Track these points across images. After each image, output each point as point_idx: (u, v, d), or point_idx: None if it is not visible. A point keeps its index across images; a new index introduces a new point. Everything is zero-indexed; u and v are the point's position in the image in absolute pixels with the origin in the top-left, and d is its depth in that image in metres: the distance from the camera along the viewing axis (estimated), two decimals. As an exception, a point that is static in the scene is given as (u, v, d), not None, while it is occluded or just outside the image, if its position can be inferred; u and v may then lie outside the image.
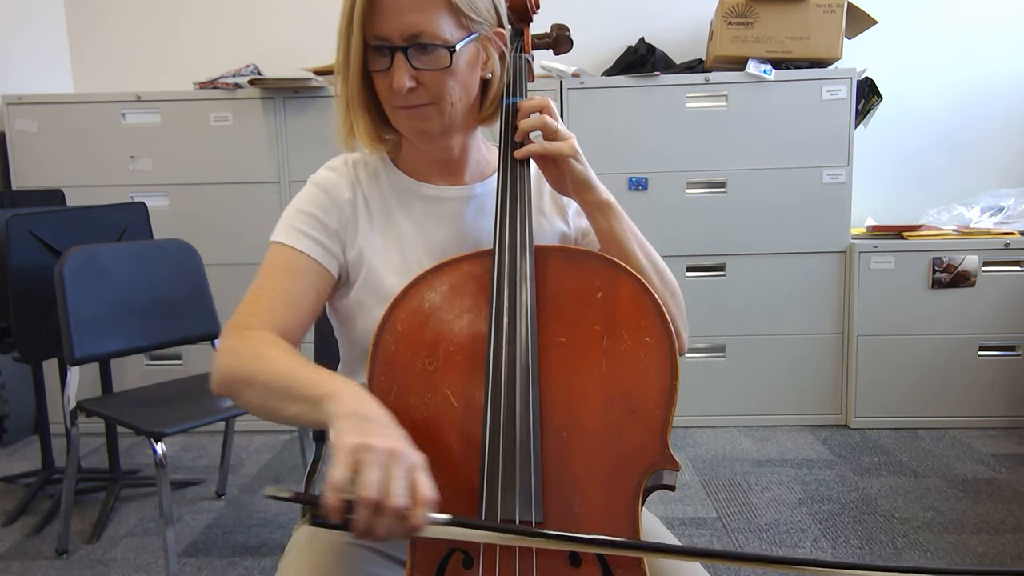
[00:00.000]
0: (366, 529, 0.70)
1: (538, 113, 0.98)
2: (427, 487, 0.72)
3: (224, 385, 0.90)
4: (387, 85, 0.95)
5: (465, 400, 0.87)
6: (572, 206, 1.11)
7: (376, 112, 1.01)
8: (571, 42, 1.16)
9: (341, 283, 1.06)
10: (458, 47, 0.94)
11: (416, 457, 0.74)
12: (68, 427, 2.12)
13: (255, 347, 0.90)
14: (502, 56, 1.02)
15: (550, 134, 0.97)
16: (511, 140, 1.01)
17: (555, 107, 0.99)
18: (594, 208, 0.99)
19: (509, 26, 1.04)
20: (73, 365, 2.09)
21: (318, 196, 1.04)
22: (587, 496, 0.84)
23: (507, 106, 1.03)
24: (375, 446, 0.71)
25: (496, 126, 1.05)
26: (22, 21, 3.30)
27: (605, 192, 0.99)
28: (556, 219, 1.10)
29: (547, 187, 1.11)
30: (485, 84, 1.03)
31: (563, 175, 0.99)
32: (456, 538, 0.76)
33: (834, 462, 2.76)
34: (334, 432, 0.73)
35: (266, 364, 0.87)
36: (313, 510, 0.69)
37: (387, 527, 0.70)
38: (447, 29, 0.94)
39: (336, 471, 0.69)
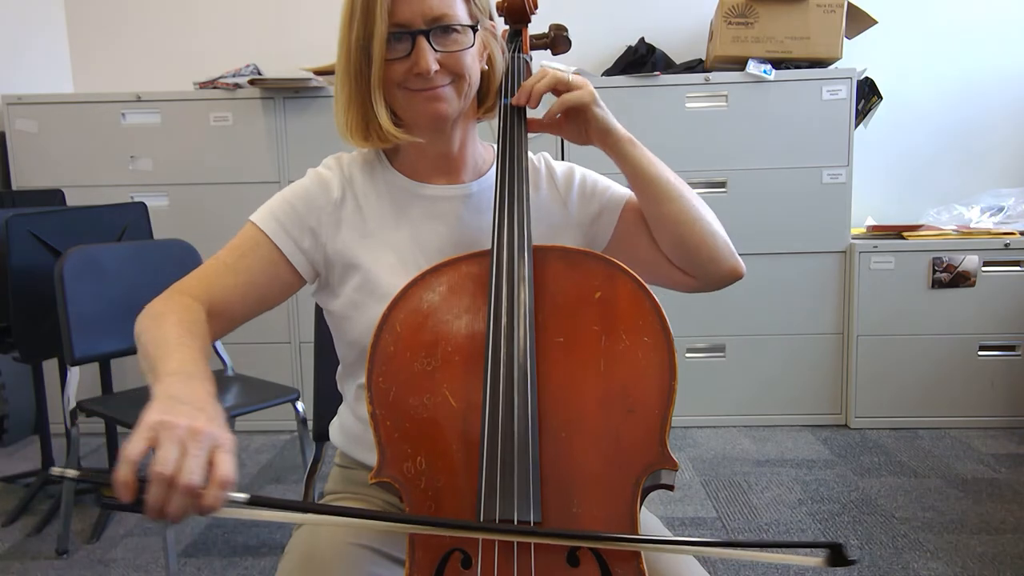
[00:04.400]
0: (157, 507, 0.67)
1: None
2: (227, 466, 0.69)
3: (135, 334, 0.92)
4: (404, 70, 0.96)
5: (464, 400, 0.87)
6: (572, 194, 1.11)
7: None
8: (569, 42, 1.16)
9: (322, 284, 1.07)
10: (477, 27, 0.98)
11: (223, 438, 0.71)
12: (68, 427, 2.12)
13: (165, 308, 0.92)
14: (498, 45, 1.05)
15: (564, 88, 1.00)
16: (510, 140, 1.01)
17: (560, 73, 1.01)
18: (620, 148, 1.02)
19: (504, 23, 1.06)
20: (73, 365, 2.09)
21: (307, 190, 1.05)
22: (586, 496, 0.84)
23: (506, 106, 1.04)
24: (176, 423, 0.69)
25: (495, 124, 1.06)
26: (22, 21, 3.30)
27: (624, 129, 1.03)
28: (556, 212, 1.10)
29: (544, 182, 1.11)
30: (482, 78, 1.04)
31: (584, 125, 1.01)
32: (256, 519, 0.74)
33: (834, 462, 2.76)
34: (145, 412, 0.71)
35: (155, 328, 0.88)
36: (103, 488, 0.69)
37: (179, 505, 0.67)
38: (462, 13, 0.97)
39: (130, 445, 0.67)
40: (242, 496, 0.70)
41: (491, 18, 1.04)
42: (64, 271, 2.05)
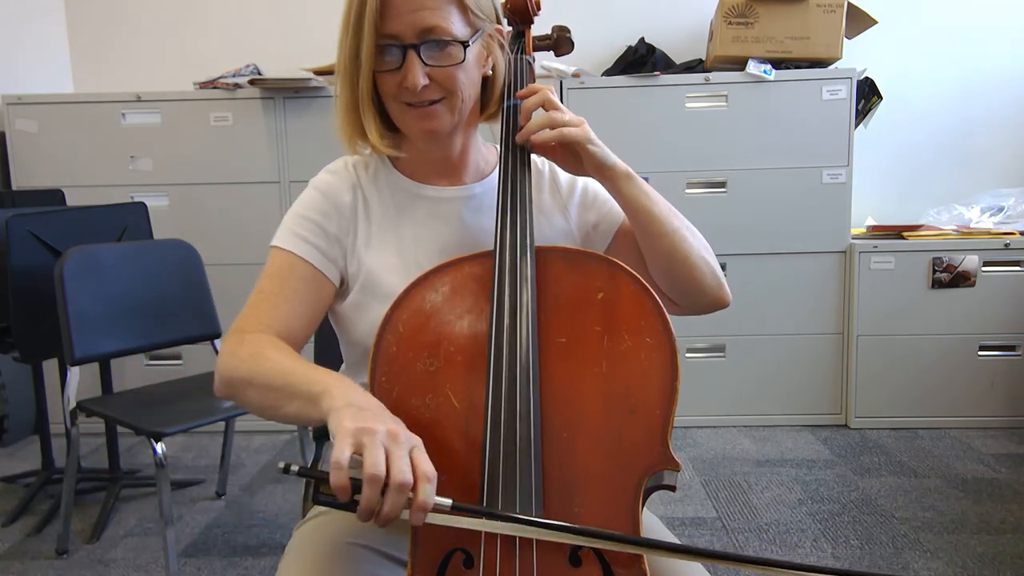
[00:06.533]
0: (371, 507, 0.71)
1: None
2: (428, 464, 0.73)
3: (225, 386, 0.92)
4: (396, 83, 0.95)
5: (466, 400, 0.87)
6: (574, 201, 1.11)
7: (381, 114, 1.01)
8: (572, 44, 1.16)
9: (342, 288, 1.06)
10: (470, 42, 0.95)
11: (415, 438, 0.75)
12: (68, 427, 2.12)
13: (254, 348, 0.92)
14: (502, 51, 1.03)
15: (552, 107, 0.98)
16: (512, 140, 1.01)
17: (555, 94, 1.00)
18: (616, 182, 1.00)
19: (507, 25, 1.05)
20: (73, 365, 2.09)
21: (319, 201, 1.04)
22: (587, 496, 0.84)
23: (508, 107, 1.04)
24: (375, 428, 0.72)
25: (496, 126, 1.06)
26: (23, 21, 3.30)
27: (621, 163, 1.00)
28: (556, 216, 1.10)
29: (546, 185, 1.11)
30: (485, 82, 1.03)
31: (580, 160, 0.99)
32: (455, 525, 0.77)
33: (834, 462, 2.77)
34: (333, 422, 0.74)
35: (264, 364, 0.89)
36: (321, 487, 0.71)
37: (392, 504, 0.71)
38: (457, 25, 0.95)
39: (339, 451, 0.70)
40: (446, 501, 0.74)
41: (498, 21, 1.02)
42: (64, 271, 2.05)
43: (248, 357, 0.91)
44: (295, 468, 0.72)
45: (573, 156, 1.00)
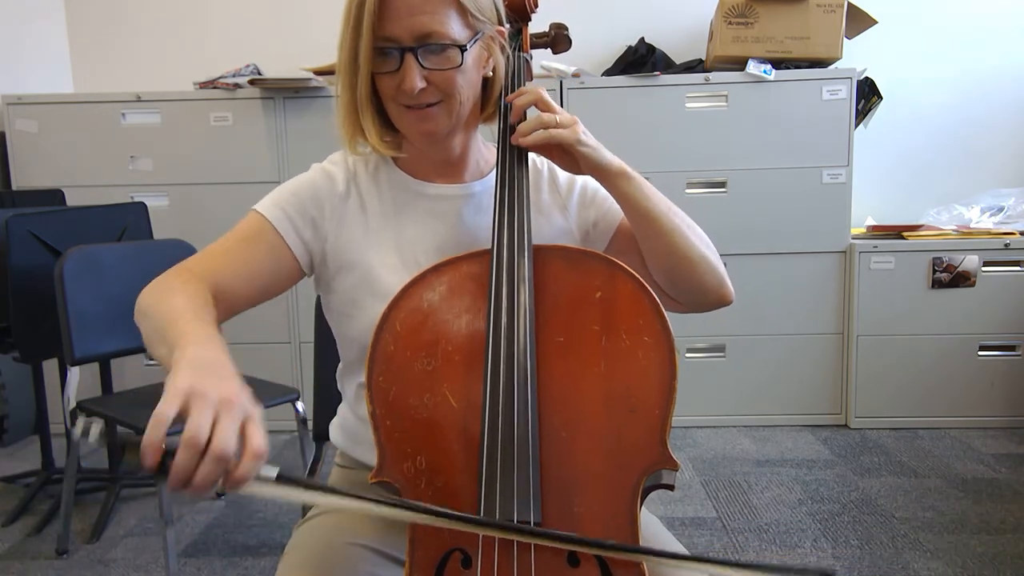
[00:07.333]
0: (183, 475, 0.64)
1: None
2: (259, 438, 0.67)
3: (136, 311, 0.91)
4: (394, 85, 0.95)
5: (464, 400, 0.87)
6: (573, 199, 1.11)
7: (380, 114, 1.01)
8: (570, 41, 1.16)
9: (316, 277, 1.07)
10: (468, 46, 0.95)
11: (253, 409, 0.69)
12: (68, 427, 2.13)
13: (171, 286, 0.90)
14: (503, 52, 1.03)
15: (545, 107, 0.98)
16: (508, 139, 1.01)
17: (546, 93, 1.00)
18: (612, 181, 0.99)
19: (508, 25, 1.05)
20: (73, 365, 2.09)
21: (312, 183, 1.05)
22: (586, 496, 0.84)
23: (505, 106, 1.04)
24: (207, 391, 0.67)
25: (495, 125, 1.06)
26: (23, 21, 3.30)
27: (617, 162, 0.99)
28: (555, 215, 1.10)
29: (545, 184, 1.11)
30: (485, 83, 1.03)
31: (575, 160, 0.99)
32: (280, 498, 0.70)
33: (834, 462, 2.76)
34: (169, 377, 0.68)
35: (165, 302, 0.87)
36: (126, 454, 0.64)
37: (207, 474, 0.64)
38: (456, 29, 0.94)
39: (161, 407, 0.64)
40: (271, 470, 0.68)
41: (500, 22, 1.01)
42: (64, 271, 2.05)
43: (160, 292, 0.90)
44: (95, 429, 0.66)
45: (568, 156, 1.00)
